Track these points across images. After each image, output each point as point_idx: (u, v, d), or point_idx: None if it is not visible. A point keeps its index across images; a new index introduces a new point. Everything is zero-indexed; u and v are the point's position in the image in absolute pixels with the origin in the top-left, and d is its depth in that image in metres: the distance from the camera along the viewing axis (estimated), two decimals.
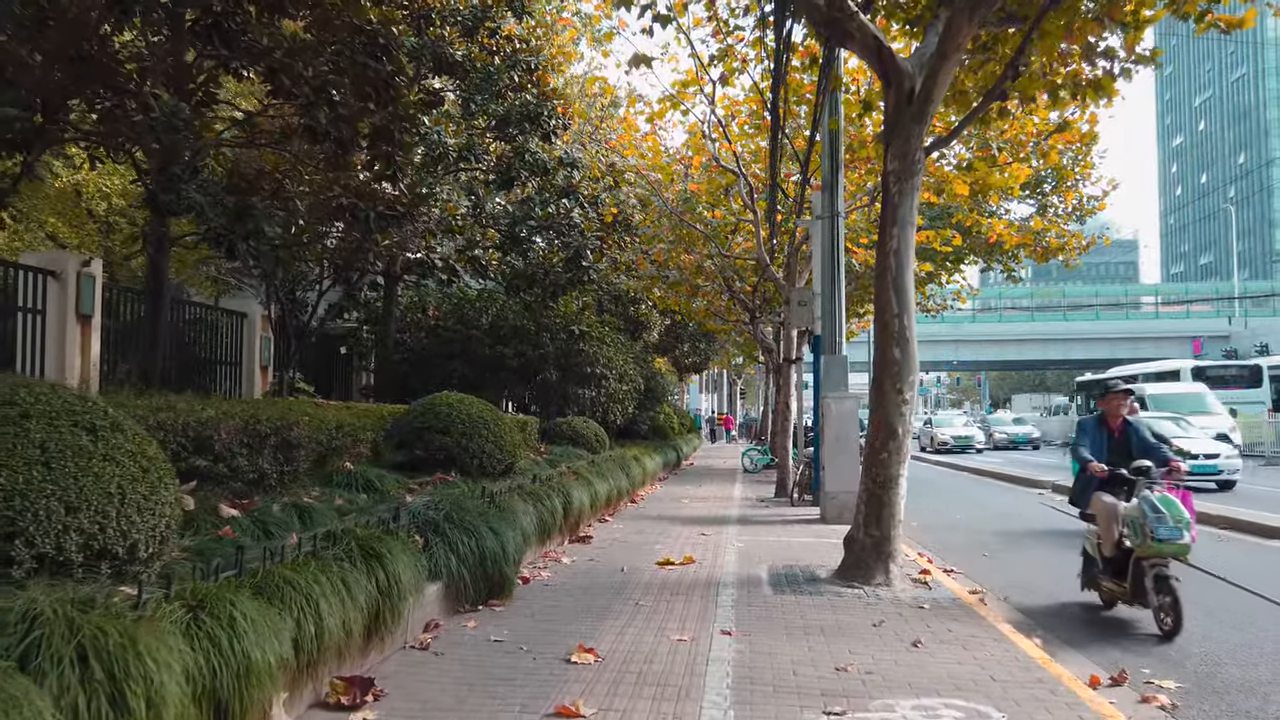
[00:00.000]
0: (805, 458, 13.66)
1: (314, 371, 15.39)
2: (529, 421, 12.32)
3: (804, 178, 13.08)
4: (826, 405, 11.20)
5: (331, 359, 16.10)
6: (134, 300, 10.88)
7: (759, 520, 11.42)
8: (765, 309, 22.41)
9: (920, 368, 13.69)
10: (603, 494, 10.62)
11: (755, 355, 38.68)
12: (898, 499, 6.99)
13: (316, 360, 15.55)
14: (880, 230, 7.39)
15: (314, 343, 14.76)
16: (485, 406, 8.80)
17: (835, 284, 12.03)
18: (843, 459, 11.05)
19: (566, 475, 9.76)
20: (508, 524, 6.45)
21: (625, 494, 12.98)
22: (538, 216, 13.77)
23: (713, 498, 14.60)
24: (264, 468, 5.65)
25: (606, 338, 16.63)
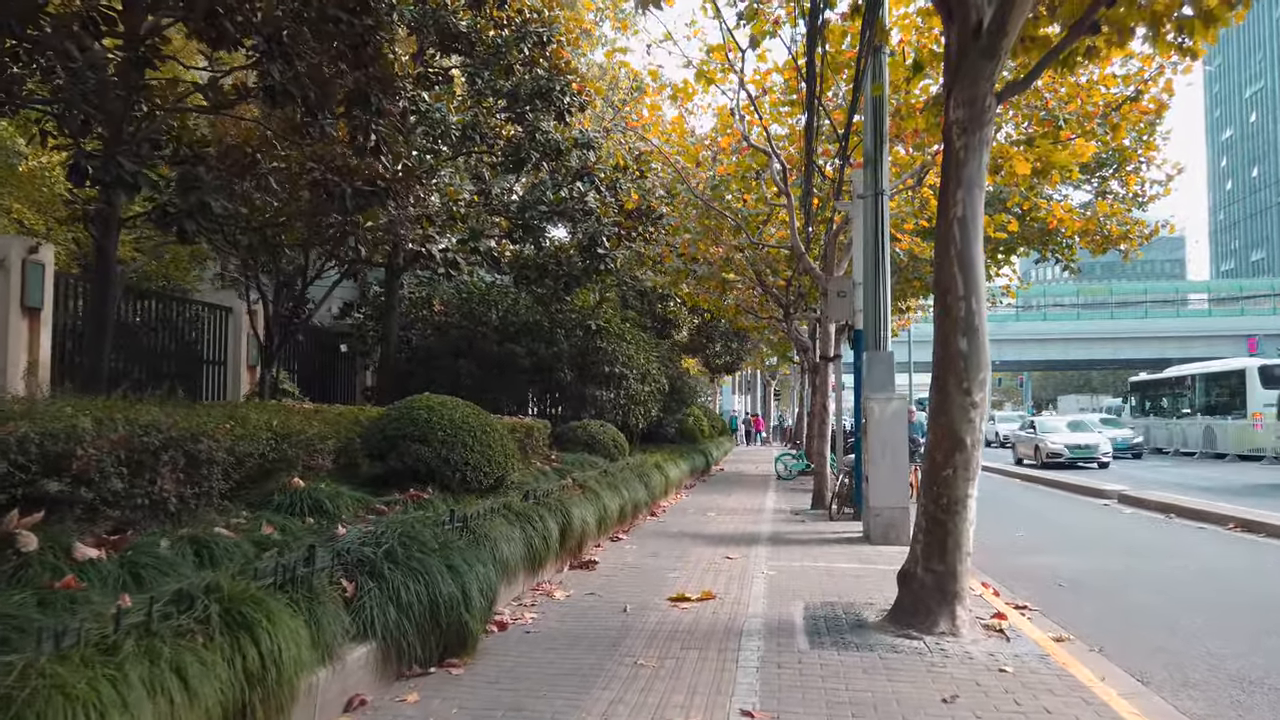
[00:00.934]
0: (845, 466, 12.28)
1: (314, 372, 14.31)
2: (535, 426, 11.08)
3: (843, 153, 11.71)
4: (870, 407, 9.83)
5: (335, 358, 15.01)
6: None
7: (793, 539, 10.06)
8: (800, 304, 21.04)
9: None
10: (614, 510, 9.34)
11: (790, 355, 37.23)
12: (966, 526, 5.63)
13: (318, 360, 14.46)
14: (941, 194, 6.03)
15: (303, 340, 13.65)
16: (472, 410, 7.56)
17: (879, 271, 10.64)
18: (889, 469, 9.67)
19: (570, 489, 8.50)
20: (478, 556, 5.20)
21: (644, 507, 11.69)
22: (549, 201, 12.54)
23: (742, 510, 13.25)
24: (162, 490, 4.44)
25: (627, 334, 15.35)
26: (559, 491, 7.98)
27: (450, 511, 5.60)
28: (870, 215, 10.73)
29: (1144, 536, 11.32)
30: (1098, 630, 6.19)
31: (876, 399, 9.85)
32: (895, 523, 9.61)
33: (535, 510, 6.90)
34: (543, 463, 11.19)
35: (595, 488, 9.07)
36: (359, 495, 6.43)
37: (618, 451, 13.51)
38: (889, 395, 9.90)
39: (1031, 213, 15.36)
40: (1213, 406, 30.45)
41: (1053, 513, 14.32)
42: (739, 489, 17.22)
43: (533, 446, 11.10)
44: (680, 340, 30.94)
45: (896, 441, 9.71)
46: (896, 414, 9.77)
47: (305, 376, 13.93)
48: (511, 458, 7.65)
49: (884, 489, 9.66)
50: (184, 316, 11.48)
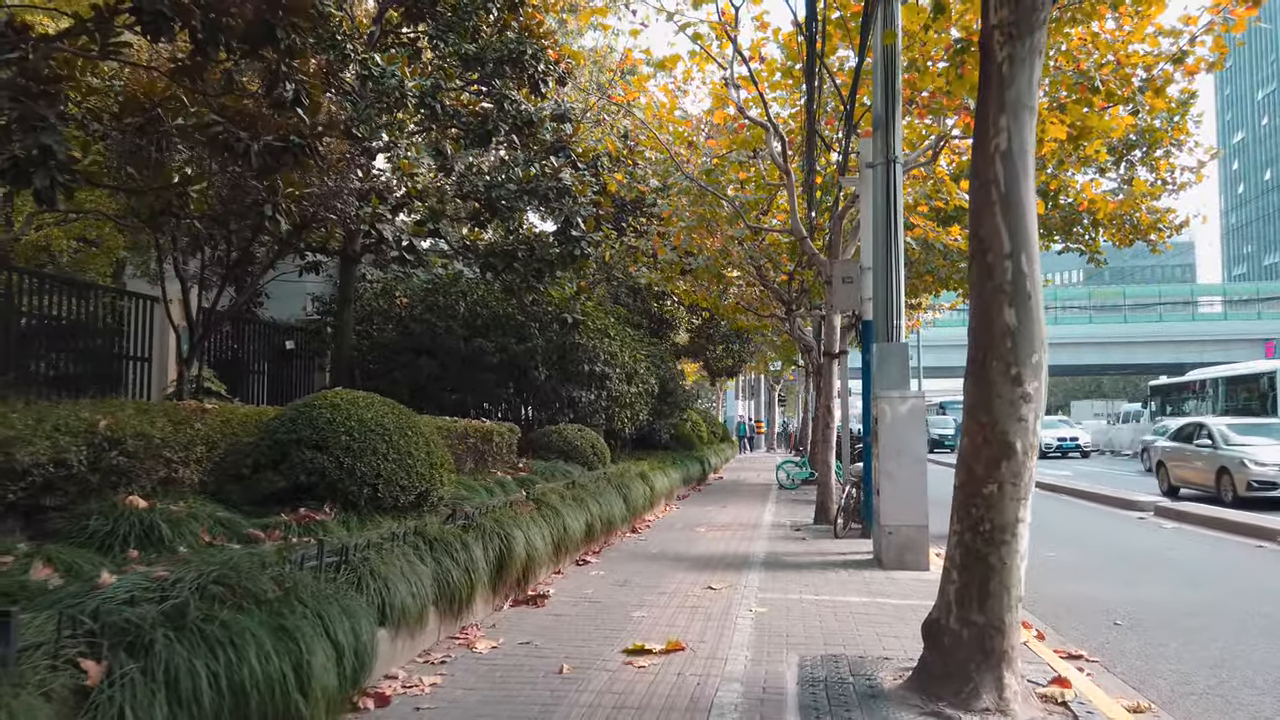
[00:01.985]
0: (853, 476, 10.81)
1: (271, 372, 12.91)
2: (495, 431, 9.65)
3: (849, 117, 10.29)
4: (881, 408, 8.37)
5: (294, 358, 13.60)
6: None
7: (791, 561, 8.60)
8: (803, 300, 19.58)
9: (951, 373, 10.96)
10: (579, 529, 7.89)
11: (793, 358, 35.76)
12: (1016, 561, 4.17)
13: (277, 360, 13.05)
14: (978, 124, 4.59)
15: (258, 338, 12.26)
16: (390, 410, 6.12)
17: (891, 251, 9.20)
18: (904, 480, 8.21)
19: (520, 506, 7.05)
20: (348, 607, 3.76)
21: (622, 523, 10.25)
22: (518, 179, 11.12)
23: (736, 525, 11.79)
24: None
25: (611, 329, 13.92)
26: (502, 509, 6.53)
27: (318, 544, 4.16)
28: (881, 186, 9.29)
29: (1196, 557, 9.83)
30: (1182, 692, 4.73)
31: (889, 398, 8.39)
32: (912, 544, 8.14)
33: (460, 536, 5.46)
34: (506, 472, 9.78)
35: (555, 503, 7.62)
36: (229, 518, 5.01)
37: (597, 459, 12.08)
38: (903, 393, 8.45)
39: (1060, 192, 13.89)
40: (1239, 410, 28.89)
41: (1083, 527, 12.82)
42: (736, 499, 15.75)
43: (493, 454, 9.67)
44: (679, 342, 29.53)
45: (913, 447, 8.25)
46: (912, 415, 8.31)
47: (259, 377, 12.54)
48: (441, 468, 6.21)
49: (898, 504, 8.20)
50: (100, 308, 10.09)
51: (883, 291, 9.24)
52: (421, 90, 10.92)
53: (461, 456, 8.76)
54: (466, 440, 8.73)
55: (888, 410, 8.33)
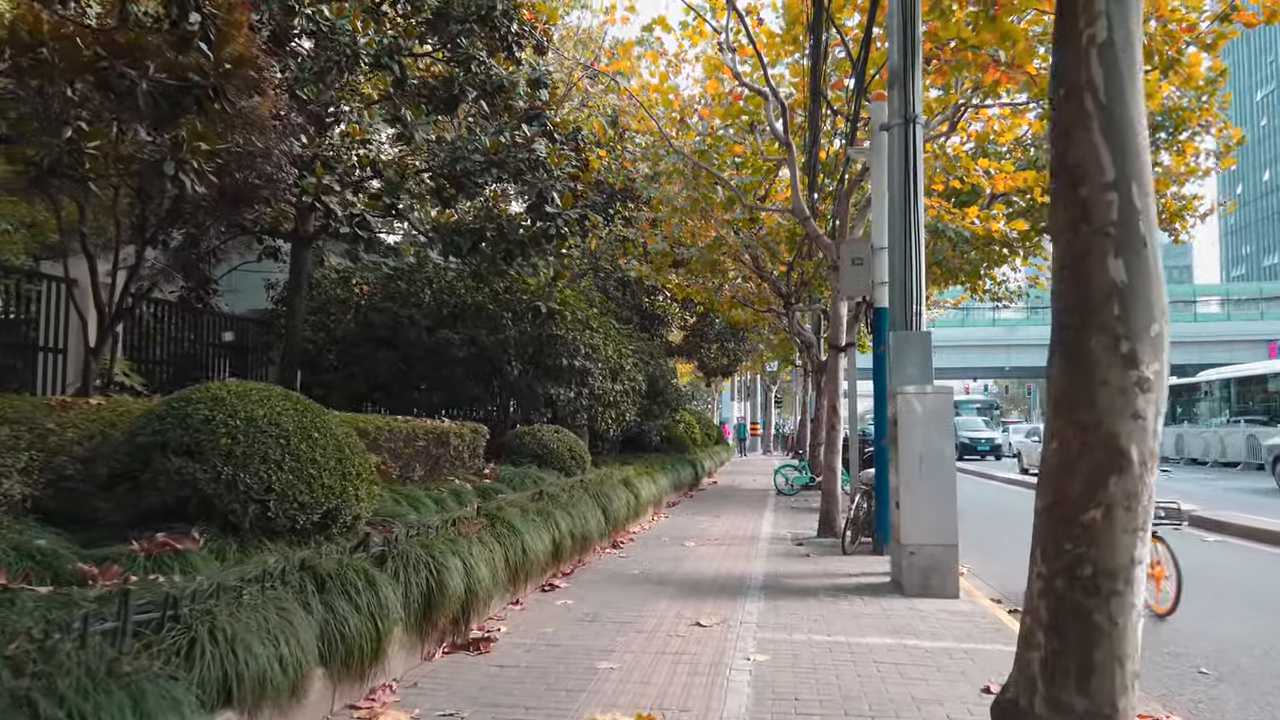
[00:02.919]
0: (864, 484, 9.55)
1: (220, 367, 11.62)
2: (454, 433, 8.38)
3: (860, 75, 9.05)
4: (901, 406, 7.12)
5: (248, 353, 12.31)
6: None
7: (796, 586, 7.33)
8: (802, 294, 18.35)
9: (969, 374, 9.73)
10: (542, 550, 6.62)
11: (791, 358, 34.53)
12: (1132, 620, 2.90)
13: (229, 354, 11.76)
14: (1061, 13, 3.32)
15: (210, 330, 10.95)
16: (292, 406, 4.83)
17: (910, 225, 7.96)
18: (929, 491, 6.95)
19: (468, 525, 5.77)
20: (138, 699, 2.49)
21: (600, 537, 8.98)
22: (484, 148, 9.85)
23: (731, 538, 10.53)
24: None
25: (593, 320, 12.65)
26: (440, 531, 5.26)
27: (122, 594, 2.89)
28: (899, 150, 8.05)
29: (1259, 576, 8.59)
30: None
31: (910, 393, 7.13)
32: (938, 566, 6.88)
33: (366, 570, 4.18)
34: (467, 479, 8.51)
35: (515, 519, 6.34)
36: (56, 548, 3.73)
37: (575, 464, 10.80)
38: (927, 389, 7.19)
39: None
40: (1254, 412, 27.70)
41: None
42: (731, 507, 14.49)
43: (451, 458, 8.40)
44: (672, 341, 28.29)
45: (938, 452, 6.99)
46: (938, 414, 7.05)
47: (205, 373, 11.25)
48: (359, 480, 4.92)
49: (922, 519, 6.94)
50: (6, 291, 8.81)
51: (900, 272, 7.99)
52: (377, 48, 9.67)
53: (409, 462, 7.49)
54: (414, 443, 7.46)
55: (908, 408, 7.08)
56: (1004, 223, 12.94)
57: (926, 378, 7.64)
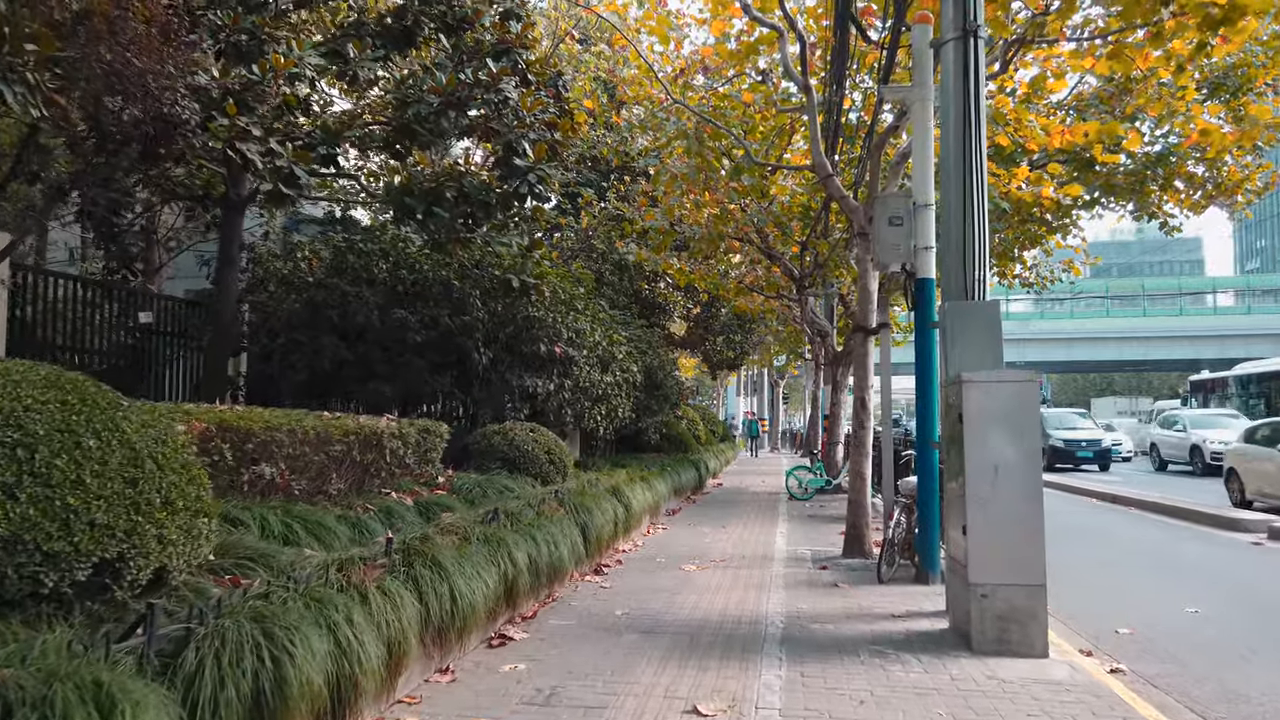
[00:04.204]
0: (905, 495, 7.79)
1: (152, 356, 9.93)
2: (390, 432, 6.61)
3: None
4: (968, 399, 5.35)
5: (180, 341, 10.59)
6: None
7: (827, 639, 5.58)
8: (816, 277, 16.58)
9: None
10: (482, 595, 4.85)
11: (799, 350, 32.74)
12: None
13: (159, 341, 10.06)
14: None
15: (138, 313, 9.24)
16: (59, 392, 3.07)
17: (971, 165, 6.20)
18: (1006, 511, 5.19)
19: (366, 572, 4.02)
20: None
21: (578, 563, 7.24)
22: (440, 85, 8.10)
23: (739, 557, 8.78)
24: None
25: (577, 299, 10.90)
26: (308, 588, 3.51)
27: None
28: (955, 71, 6.29)
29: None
30: None
31: (979, 382, 5.37)
32: (1021, 614, 5.12)
33: (121, 687, 2.43)
34: (412, 492, 6.80)
35: (445, 556, 4.59)
36: None
37: (554, 469, 9.08)
38: (1003, 375, 5.42)
39: (1162, 119, 10.88)
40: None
41: (1186, 557, 9.81)
42: (739, 515, 12.73)
43: (389, 465, 6.66)
44: (675, 333, 26.54)
45: (1020, 459, 5.22)
46: (1020, 408, 5.27)
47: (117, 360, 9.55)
48: (169, 512, 3.17)
49: (999, 549, 5.18)
50: None
51: (957, 228, 6.23)
52: None
53: (322, 473, 5.76)
54: (328, 447, 5.72)
55: (977, 402, 5.31)
56: (1054, 188, 11.16)
57: (995, 361, 5.89)
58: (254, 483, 5.17)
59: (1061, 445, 25.31)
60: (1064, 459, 25.14)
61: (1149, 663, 5.39)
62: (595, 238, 17.33)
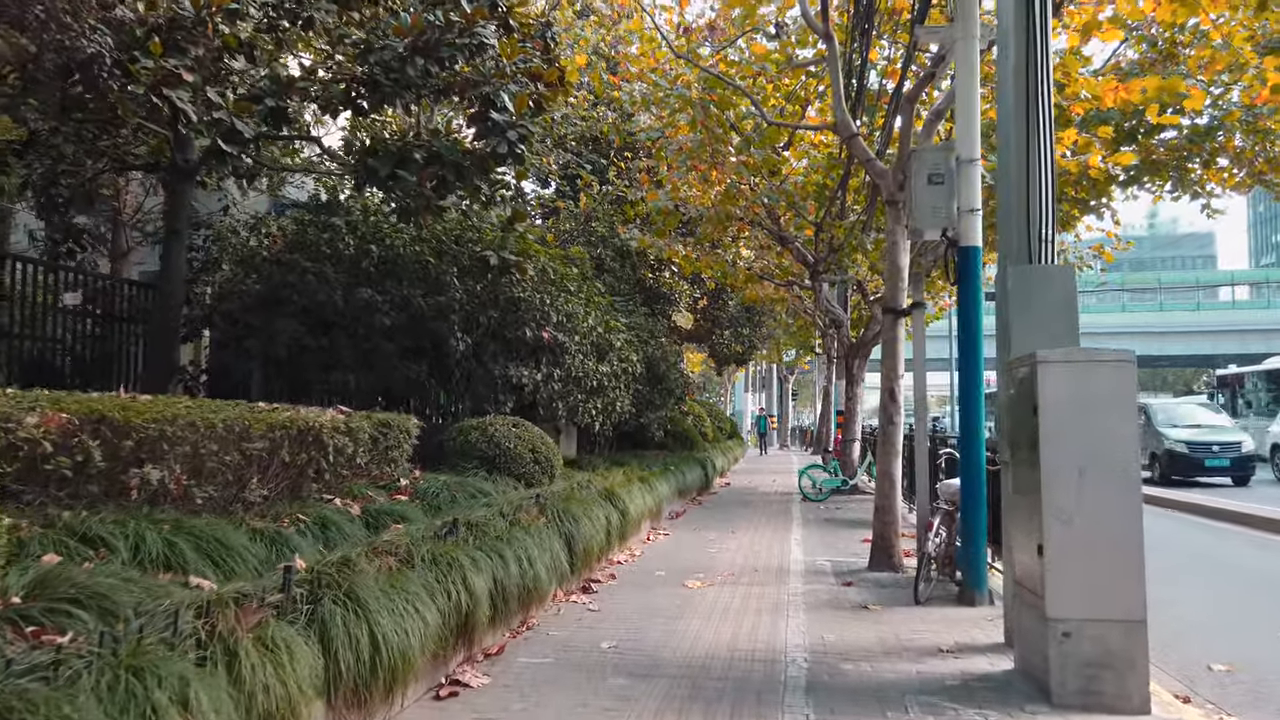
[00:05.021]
0: (947, 501, 6.67)
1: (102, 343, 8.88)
2: (325, 426, 5.50)
3: None
4: (1045, 384, 4.22)
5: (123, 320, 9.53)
6: None
7: (862, 684, 4.47)
8: (831, 262, 15.44)
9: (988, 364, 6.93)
10: (420, 634, 3.71)
11: (810, 343, 31.59)
12: None
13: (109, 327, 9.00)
14: None
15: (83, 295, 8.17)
16: None
17: (1038, 104, 5.09)
18: (1095, 528, 4.06)
19: (244, 615, 2.92)
20: None
21: (560, 581, 6.16)
22: (406, 27, 7.00)
23: (750, 570, 7.68)
24: None
25: (570, 281, 9.81)
26: (135, 647, 2.42)
27: None
28: None
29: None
30: None
31: (1057, 363, 4.24)
32: (1115, 659, 3.99)
33: None
34: (365, 496, 5.73)
35: (365, 590, 3.50)
36: None
37: (540, 469, 7.99)
38: (1090, 354, 4.29)
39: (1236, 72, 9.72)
40: None
41: None
42: (749, 519, 11.62)
43: (333, 467, 5.58)
44: (682, 326, 25.42)
45: (1115, 462, 4.09)
46: (1112, 395, 4.15)
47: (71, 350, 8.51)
48: None
49: (1087, 576, 4.05)
50: None
51: (1020, 181, 5.12)
52: None
53: (240, 474, 4.67)
54: (246, 445, 4.62)
55: (1057, 389, 4.19)
56: (1102, 157, 10.01)
57: (1071, 336, 4.78)
58: (143, 489, 4.10)
59: (1183, 450, 18.09)
60: (1186, 468, 17.97)
61: (1267, 714, 4.29)
62: (596, 220, 16.21)
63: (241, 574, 3.84)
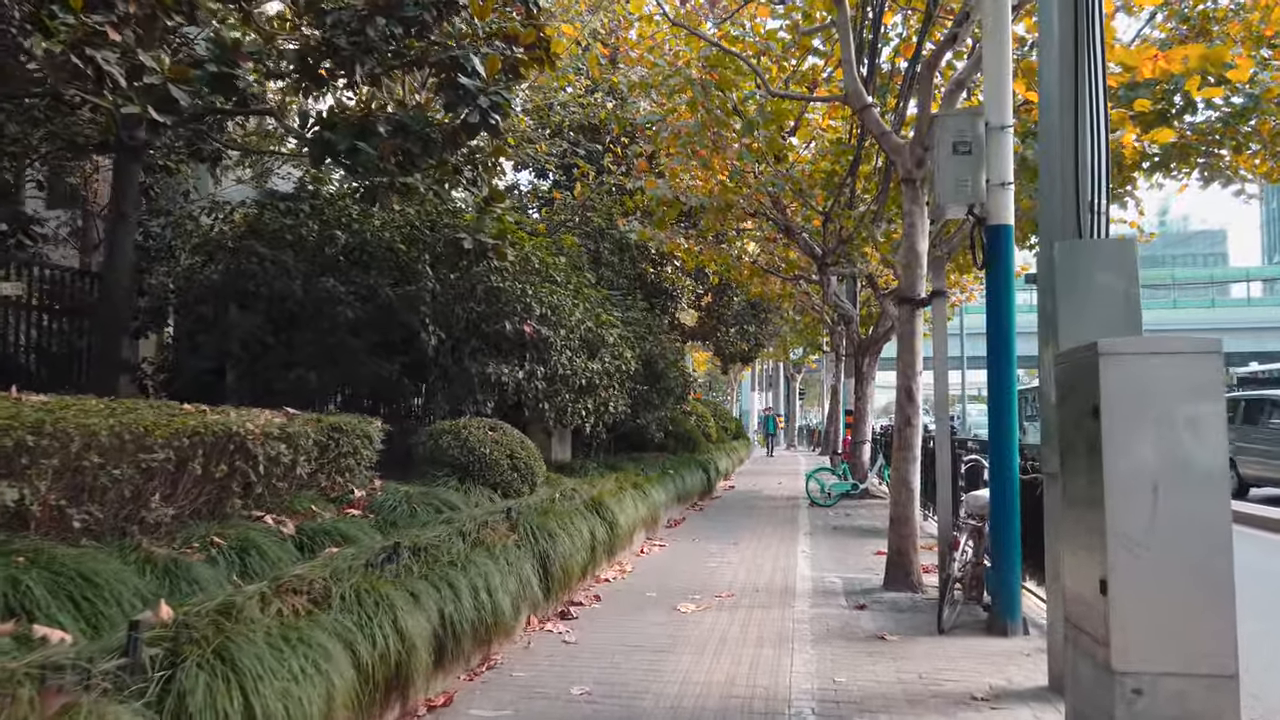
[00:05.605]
0: (974, 515, 5.88)
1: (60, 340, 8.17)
2: (250, 433, 4.73)
3: None
4: (1100, 381, 3.43)
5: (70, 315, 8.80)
6: None
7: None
8: (839, 254, 14.63)
9: None
10: (329, 701, 2.99)
11: (817, 341, 30.75)
12: None
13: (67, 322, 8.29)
14: None
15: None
16: None
17: (1089, 50, 4.30)
18: (1171, 557, 3.26)
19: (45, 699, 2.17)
20: None
21: (536, 607, 5.40)
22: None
23: (752, 590, 6.90)
24: None
25: (556, 270, 9.04)
26: None
27: None
28: None
29: None
30: None
31: (1124, 354, 3.44)
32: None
33: None
34: (309, 514, 4.98)
35: (238, 649, 2.73)
36: None
37: (520, 477, 7.22)
38: (1163, 343, 3.50)
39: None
40: None
41: None
42: (752, 527, 10.83)
43: (266, 479, 4.82)
44: (686, 323, 24.62)
45: (1198, 475, 3.31)
46: (1194, 394, 3.35)
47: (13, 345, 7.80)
48: None
49: (1160, 616, 3.26)
50: None
51: (1068, 142, 4.33)
52: None
53: (138, 491, 3.91)
54: (144, 455, 3.87)
55: (1123, 384, 3.40)
56: (1137, 135, 9.19)
57: (1132, 324, 4.00)
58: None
59: None
60: None
61: None
62: (594, 211, 15.44)
63: (113, 618, 3.09)
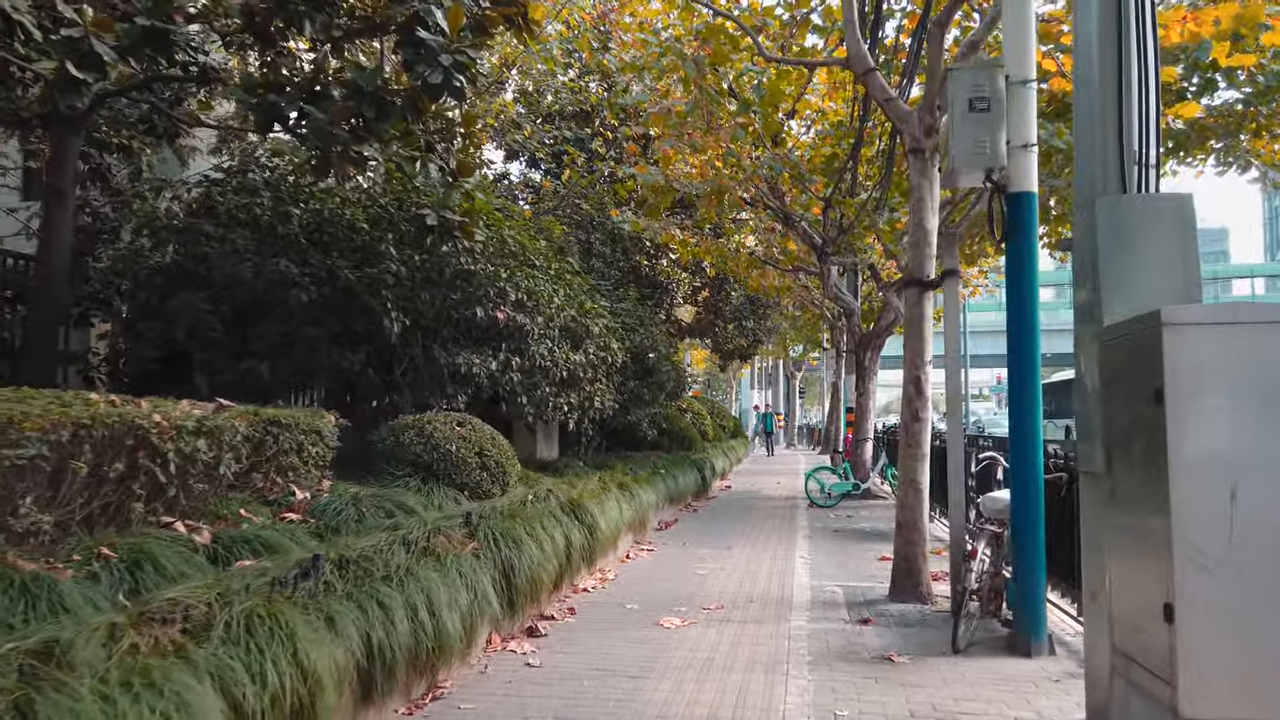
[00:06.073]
0: (993, 519, 5.25)
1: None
2: (153, 429, 4.08)
3: None
4: (1164, 358, 2.79)
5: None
6: None
7: None
8: (840, 243, 13.99)
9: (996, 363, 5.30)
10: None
11: (818, 338, 30.14)
12: None
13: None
14: None
15: None
16: None
17: None
18: (1253, 579, 2.64)
19: None
20: None
21: (496, 624, 4.76)
22: None
23: (745, 602, 6.26)
24: None
25: (535, 254, 8.38)
26: None
27: None
28: None
29: None
30: None
31: (1193, 325, 2.81)
32: None
33: None
34: (239, 518, 4.34)
35: (50, 704, 2.10)
36: None
37: (491, 477, 6.58)
38: (1240, 312, 2.86)
39: None
40: None
41: None
42: (748, 530, 10.18)
43: (179, 479, 4.18)
44: (683, 320, 23.98)
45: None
46: (1277, 376, 2.73)
47: None
48: None
49: (1240, 650, 2.63)
50: None
51: (1110, 87, 3.70)
52: None
53: (4, 494, 3.28)
54: (10, 449, 3.22)
55: (1195, 361, 2.76)
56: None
57: (1191, 291, 3.37)
58: None
59: None
60: None
61: None
62: (583, 199, 14.80)
63: None
